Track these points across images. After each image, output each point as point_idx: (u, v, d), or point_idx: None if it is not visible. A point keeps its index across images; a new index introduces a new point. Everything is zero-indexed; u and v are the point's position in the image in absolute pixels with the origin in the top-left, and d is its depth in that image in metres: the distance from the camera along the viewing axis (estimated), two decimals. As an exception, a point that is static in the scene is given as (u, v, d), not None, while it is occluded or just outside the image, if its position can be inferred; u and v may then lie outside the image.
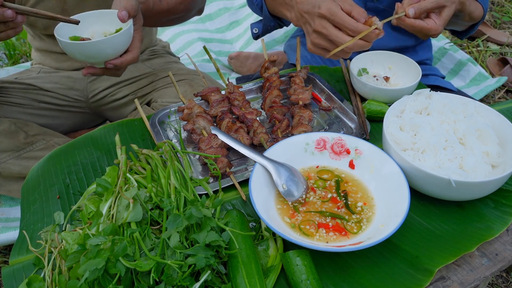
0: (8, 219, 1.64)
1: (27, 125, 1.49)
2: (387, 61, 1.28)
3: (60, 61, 1.63)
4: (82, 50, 1.07)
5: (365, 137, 1.09)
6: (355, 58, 1.26)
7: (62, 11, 1.45)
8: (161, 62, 1.74)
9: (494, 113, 1.00)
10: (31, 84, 1.58)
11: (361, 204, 0.91)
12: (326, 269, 0.83)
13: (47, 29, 1.49)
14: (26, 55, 2.80)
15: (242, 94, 1.18)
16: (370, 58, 1.28)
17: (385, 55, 1.28)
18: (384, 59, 1.28)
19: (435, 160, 0.91)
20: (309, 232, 0.85)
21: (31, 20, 1.46)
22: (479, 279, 0.82)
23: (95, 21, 1.16)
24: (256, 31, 1.46)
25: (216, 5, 2.80)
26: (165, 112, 1.18)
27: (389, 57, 1.27)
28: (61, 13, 1.45)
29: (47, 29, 1.49)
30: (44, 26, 1.48)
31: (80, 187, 1.02)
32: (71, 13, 1.46)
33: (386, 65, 1.28)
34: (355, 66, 1.25)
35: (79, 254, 0.74)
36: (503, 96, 2.40)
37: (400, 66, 1.26)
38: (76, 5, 1.45)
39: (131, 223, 0.78)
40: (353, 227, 0.86)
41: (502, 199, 0.94)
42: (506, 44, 2.76)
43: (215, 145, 1.03)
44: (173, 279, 0.72)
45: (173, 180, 0.85)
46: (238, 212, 0.86)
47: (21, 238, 0.92)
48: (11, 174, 1.48)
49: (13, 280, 0.85)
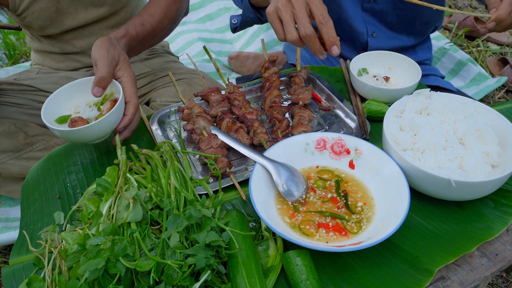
0: (8, 219, 1.64)
1: (27, 125, 1.49)
2: (387, 61, 1.28)
3: (59, 61, 1.63)
4: (77, 135, 0.97)
5: (365, 137, 1.09)
6: (355, 58, 1.26)
7: (56, 10, 1.44)
8: (160, 61, 1.74)
9: (494, 113, 1.00)
10: (30, 85, 1.58)
11: (361, 204, 0.91)
12: (326, 269, 0.83)
13: (43, 30, 1.49)
14: (26, 55, 2.79)
15: (242, 94, 1.18)
16: (370, 58, 1.28)
17: (385, 55, 1.28)
18: (384, 59, 1.28)
19: (435, 160, 0.91)
20: (309, 232, 0.85)
21: (27, 21, 1.46)
22: (479, 279, 0.82)
23: (76, 90, 1.06)
24: (235, 22, 1.41)
25: (216, 5, 2.80)
26: (165, 112, 1.18)
27: (389, 57, 1.27)
28: (55, 12, 1.45)
29: (43, 30, 1.49)
30: (39, 27, 1.48)
31: (80, 187, 1.02)
32: (65, 11, 1.46)
33: (386, 65, 1.28)
34: (355, 66, 1.25)
35: (79, 254, 0.74)
36: (503, 96, 2.40)
37: (400, 66, 1.26)
38: (70, 3, 1.44)
39: (131, 223, 0.78)
40: (353, 227, 0.86)
41: (502, 199, 0.94)
42: (506, 44, 2.76)
43: (215, 145, 1.03)
44: (173, 279, 0.72)
45: (173, 180, 0.84)
46: (238, 212, 0.86)
47: (21, 238, 0.92)
48: (11, 175, 1.48)
49: (13, 280, 0.85)
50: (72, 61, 1.62)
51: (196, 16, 2.80)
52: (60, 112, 1.04)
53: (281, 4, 0.98)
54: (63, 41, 1.55)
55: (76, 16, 1.48)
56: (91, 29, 1.55)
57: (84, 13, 1.49)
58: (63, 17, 1.47)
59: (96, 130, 0.97)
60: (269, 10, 1.00)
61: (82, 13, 1.49)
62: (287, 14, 0.97)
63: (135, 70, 1.67)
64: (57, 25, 1.48)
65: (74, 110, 1.04)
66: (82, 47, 1.58)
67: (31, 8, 1.42)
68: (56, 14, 1.45)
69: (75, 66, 1.64)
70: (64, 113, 1.04)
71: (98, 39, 1.13)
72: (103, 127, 0.97)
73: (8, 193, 1.54)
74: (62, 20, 1.47)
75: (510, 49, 2.74)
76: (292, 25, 0.97)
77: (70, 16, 1.48)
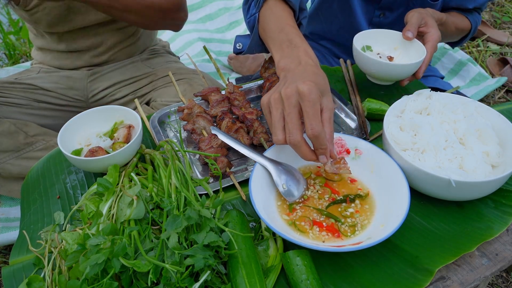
0: (8, 219, 1.64)
1: (27, 125, 1.49)
2: (393, 42, 1.24)
3: (61, 59, 1.63)
4: (102, 164, 0.95)
5: (365, 137, 1.09)
6: (360, 34, 1.23)
7: (67, 9, 1.45)
8: (161, 61, 1.75)
9: (494, 113, 1.00)
10: (31, 84, 1.59)
11: (357, 209, 0.91)
12: (326, 269, 0.83)
13: (51, 27, 1.50)
14: (26, 55, 2.80)
15: (242, 94, 1.18)
16: (375, 36, 1.24)
17: (392, 35, 1.24)
18: (390, 39, 1.24)
19: (435, 160, 0.91)
20: (303, 228, 0.85)
21: (36, 17, 1.46)
22: (479, 279, 0.82)
23: (83, 123, 1.05)
24: (239, 47, 1.19)
25: (216, 5, 2.81)
26: (165, 112, 1.18)
27: (396, 38, 1.23)
28: (67, 9, 1.45)
29: (51, 27, 1.50)
30: (48, 24, 1.48)
31: (80, 187, 1.02)
32: (76, 11, 1.47)
33: (392, 46, 1.25)
34: (359, 42, 1.22)
35: (79, 254, 0.74)
36: (503, 96, 2.40)
37: (406, 48, 1.22)
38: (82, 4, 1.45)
39: (131, 221, 0.78)
40: (347, 231, 0.86)
41: (502, 199, 0.94)
42: (506, 44, 2.76)
43: (215, 145, 1.03)
44: (171, 282, 0.72)
45: (174, 180, 0.84)
46: (238, 212, 0.86)
47: (21, 238, 0.92)
48: (11, 175, 1.48)
49: (13, 280, 0.85)
50: (74, 59, 1.63)
51: (196, 16, 2.80)
52: (72, 146, 1.02)
53: (273, 99, 0.86)
54: (70, 39, 1.56)
55: (86, 16, 1.49)
56: (99, 29, 1.56)
57: (94, 14, 1.50)
58: (73, 16, 1.48)
59: (121, 157, 0.96)
60: (263, 101, 0.89)
61: (92, 14, 1.50)
62: (277, 112, 0.85)
63: (136, 70, 1.68)
64: (66, 23, 1.49)
65: (85, 143, 1.03)
66: (87, 45, 1.59)
67: (42, 5, 1.43)
68: (67, 12, 1.46)
69: (76, 65, 1.64)
70: (75, 146, 1.02)
71: None
72: (127, 153, 0.96)
73: (8, 193, 1.54)
74: (72, 19, 1.48)
75: (510, 49, 2.74)
76: (280, 126, 0.84)
77: (81, 16, 1.48)
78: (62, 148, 0.96)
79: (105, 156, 0.94)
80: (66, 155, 0.95)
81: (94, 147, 0.98)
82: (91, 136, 1.04)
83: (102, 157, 0.94)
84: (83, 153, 1.00)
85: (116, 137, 1.03)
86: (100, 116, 1.06)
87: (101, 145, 1.01)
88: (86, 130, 1.05)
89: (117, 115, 1.07)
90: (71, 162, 1.00)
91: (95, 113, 1.06)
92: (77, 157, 0.95)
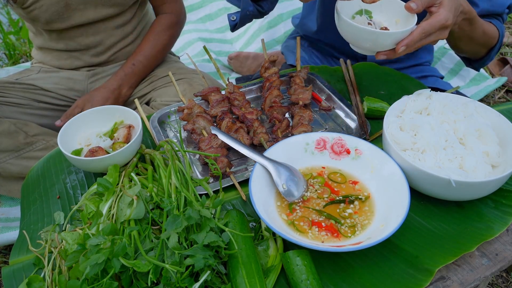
0: (8, 219, 1.64)
1: (27, 125, 1.49)
2: (397, 14, 1.10)
3: (61, 59, 1.63)
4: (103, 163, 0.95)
5: (365, 137, 1.09)
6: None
7: (65, 5, 1.45)
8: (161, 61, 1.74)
9: (494, 113, 1.00)
10: (31, 84, 1.59)
11: (356, 210, 0.91)
12: (326, 269, 0.83)
13: (49, 24, 1.50)
14: (26, 55, 2.80)
15: (242, 94, 1.18)
16: (379, 4, 1.08)
17: (398, 7, 1.09)
18: (394, 11, 1.11)
19: (435, 160, 0.91)
20: (302, 228, 0.85)
21: (34, 14, 1.46)
22: (479, 279, 0.82)
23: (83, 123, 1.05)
24: (233, 19, 1.31)
25: (216, 5, 2.80)
26: (165, 112, 1.18)
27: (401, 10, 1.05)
28: (64, 6, 1.46)
29: (49, 24, 1.50)
30: (46, 21, 1.48)
31: (80, 187, 1.02)
32: (74, 7, 1.47)
33: (393, 18, 1.13)
34: (348, 8, 1.09)
35: (79, 254, 0.74)
36: (503, 96, 2.40)
37: (409, 24, 1.04)
38: (81, 0, 1.46)
39: (131, 221, 0.78)
40: (347, 231, 0.86)
41: (502, 199, 0.94)
42: (506, 44, 2.76)
43: (215, 145, 1.03)
44: (171, 282, 0.72)
45: (174, 180, 0.85)
46: (238, 212, 0.86)
47: (21, 238, 0.92)
48: (11, 174, 1.48)
49: (13, 280, 0.85)
50: (74, 59, 1.63)
51: (196, 16, 2.80)
52: (72, 146, 1.02)
53: None
54: (68, 37, 1.56)
55: (84, 13, 1.50)
56: (97, 27, 1.56)
57: (93, 11, 1.50)
58: (72, 13, 1.48)
59: (121, 157, 0.96)
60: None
61: (90, 11, 1.50)
62: None
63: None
64: (64, 20, 1.49)
65: (85, 143, 1.03)
66: (86, 44, 1.59)
67: (40, 1, 1.43)
68: (64, 9, 1.46)
69: (76, 65, 1.64)
70: (75, 146, 1.02)
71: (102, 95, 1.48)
72: (127, 153, 0.96)
73: (8, 193, 1.54)
74: (70, 15, 1.48)
75: (510, 49, 2.74)
76: None
77: (79, 12, 1.49)
78: (62, 148, 0.96)
79: (105, 156, 0.94)
80: (66, 155, 0.95)
81: (94, 147, 0.98)
82: (91, 136, 1.04)
83: (102, 157, 0.94)
84: (83, 153, 1.00)
85: (116, 137, 1.03)
86: (100, 116, 1.06)
87: (101, 145, 1.01)
88: (86, 130, 1.05)
89: (117, 115, 1.07)
90: (71, 162, 1.00)
91: (95, 113, 1.06)
92: (77, 157, 0.95)
